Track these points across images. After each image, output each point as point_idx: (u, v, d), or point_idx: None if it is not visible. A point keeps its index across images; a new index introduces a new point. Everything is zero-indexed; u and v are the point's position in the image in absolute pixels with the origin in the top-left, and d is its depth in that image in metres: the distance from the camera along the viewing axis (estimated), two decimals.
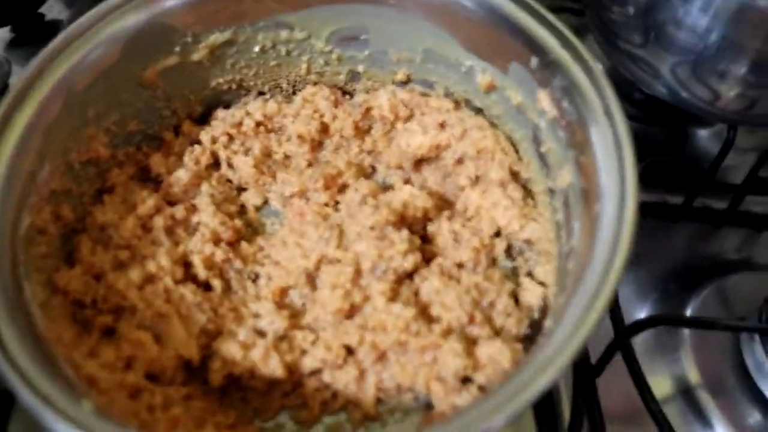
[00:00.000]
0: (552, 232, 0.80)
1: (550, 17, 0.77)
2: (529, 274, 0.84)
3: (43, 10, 1.33)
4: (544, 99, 0.77)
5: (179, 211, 0.83)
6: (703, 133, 1.28)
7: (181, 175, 0.86)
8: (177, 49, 0.85)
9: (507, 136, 0.88)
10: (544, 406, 0.86)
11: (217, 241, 0.83)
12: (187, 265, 0.81)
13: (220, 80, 0.91)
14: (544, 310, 0.80)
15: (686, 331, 1.02)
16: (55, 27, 1.33)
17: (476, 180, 0.88)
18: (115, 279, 0.76)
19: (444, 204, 0.89)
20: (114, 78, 0.81)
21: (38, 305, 0.68)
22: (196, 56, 0.86)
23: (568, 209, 0.76)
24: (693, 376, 0.98)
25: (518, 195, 0.85)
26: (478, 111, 0.89)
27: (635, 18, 0.96)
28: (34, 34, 1.30)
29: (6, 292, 0.64)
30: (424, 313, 0.76)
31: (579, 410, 0.83)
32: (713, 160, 1.11)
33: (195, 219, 0.84)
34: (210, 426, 0.71)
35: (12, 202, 0.70)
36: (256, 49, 0.89)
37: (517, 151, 0.87)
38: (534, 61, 0.77)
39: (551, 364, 0.56)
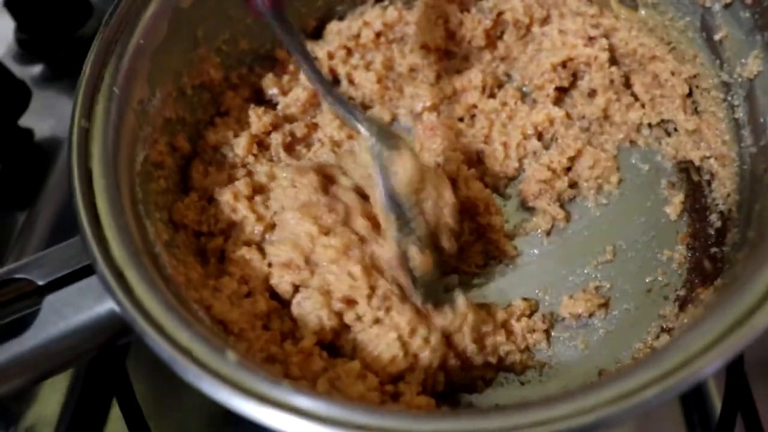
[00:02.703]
0: (728, 133, 0.69)
1: None
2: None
3: None
4: None
5: (299, 129, 0.76)
6: None
7: (299, 94, 0.78)
8: None
9: (661, 37, 0.76)
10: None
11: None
12: None
13: None
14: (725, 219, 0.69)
15: None
16: None
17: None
18: (222, 193, 0.70)
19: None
20: None
21: (163, 245, 0.62)
22: None
23: (754, 103, 0.64)
24: None
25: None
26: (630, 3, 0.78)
27: None
28: None
29: (128, 234, 0.57)
30: None
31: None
32: None
33: (317, 136, 0.77)
34: None
35: (126, 136, 0.63)
36: None
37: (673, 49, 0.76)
38: None
39: None
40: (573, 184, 0.76)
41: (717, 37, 0.68)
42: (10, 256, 0.87)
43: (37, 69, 1.01)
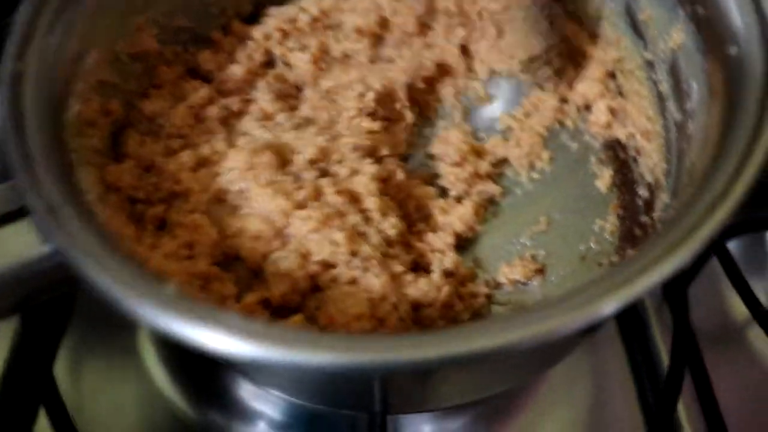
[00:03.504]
0: (651, 108, 0.73)
1: None
2: None
3: None
4: None
5: (234, 103, 0.76)
6: None
7: (236, 70, 0.78)
8: None
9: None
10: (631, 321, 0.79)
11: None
12: None
13: None
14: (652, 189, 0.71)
15: None
16: None
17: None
18: (166, 163, 0.69)
19: None
20: None
21: (96, 198, 0.59)
22: None
23: (677, 74, 0.68)
24: None
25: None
26: None
27: None
28: None
29: (61, 176, 0.54)
30: None
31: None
32: None
33: (250, 109, 0.76)
34: None
35: (59, 86, 0.61)
36: None
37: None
38: None
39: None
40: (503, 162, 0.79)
41: (641, 17, 0.72)
42: None
43: None
